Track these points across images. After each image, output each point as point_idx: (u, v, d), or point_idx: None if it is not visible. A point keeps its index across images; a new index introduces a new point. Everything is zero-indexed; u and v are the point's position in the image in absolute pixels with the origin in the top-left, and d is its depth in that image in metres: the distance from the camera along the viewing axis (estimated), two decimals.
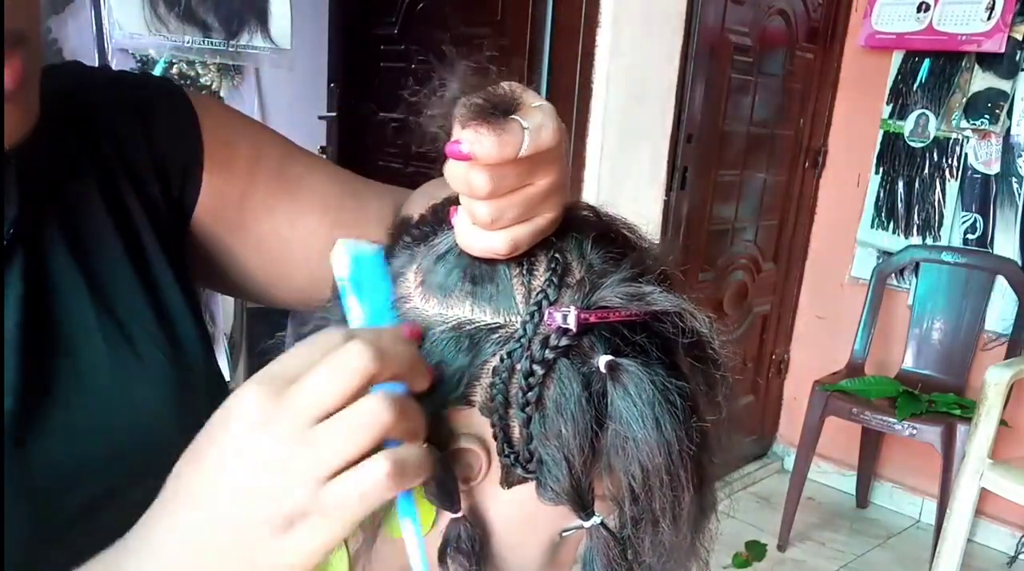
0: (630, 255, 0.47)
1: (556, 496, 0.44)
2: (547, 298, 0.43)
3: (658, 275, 0.47)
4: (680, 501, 0.44)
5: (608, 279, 0.44)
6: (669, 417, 0.42)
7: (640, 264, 0.46)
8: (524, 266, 0.45)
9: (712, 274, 2.76)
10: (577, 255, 0.46)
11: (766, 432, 3.27)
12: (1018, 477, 2.11)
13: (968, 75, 2.62)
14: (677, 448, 0.42)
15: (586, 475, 0.43)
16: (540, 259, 0.46)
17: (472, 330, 0.44)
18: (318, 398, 0.36)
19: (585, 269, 0.45)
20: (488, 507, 0.46)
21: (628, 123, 2.26)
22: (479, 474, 0.45)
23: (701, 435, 0.44)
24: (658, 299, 0.44)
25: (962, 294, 2.68)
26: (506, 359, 0.43)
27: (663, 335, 0.44)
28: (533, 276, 0.45)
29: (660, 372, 0.43)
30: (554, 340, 0.42)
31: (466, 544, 0.45)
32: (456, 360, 0.44)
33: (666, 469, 0.42)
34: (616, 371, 0.42)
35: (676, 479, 0.43)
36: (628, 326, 0.44)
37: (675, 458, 0.42)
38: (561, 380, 0.43)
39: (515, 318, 0.44)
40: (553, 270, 0.45)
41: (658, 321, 0.44)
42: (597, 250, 0.46)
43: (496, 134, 0.40)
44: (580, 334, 0.43)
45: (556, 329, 0.43)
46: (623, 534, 0.45)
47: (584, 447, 0.42)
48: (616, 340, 0.43)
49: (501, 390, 0.43)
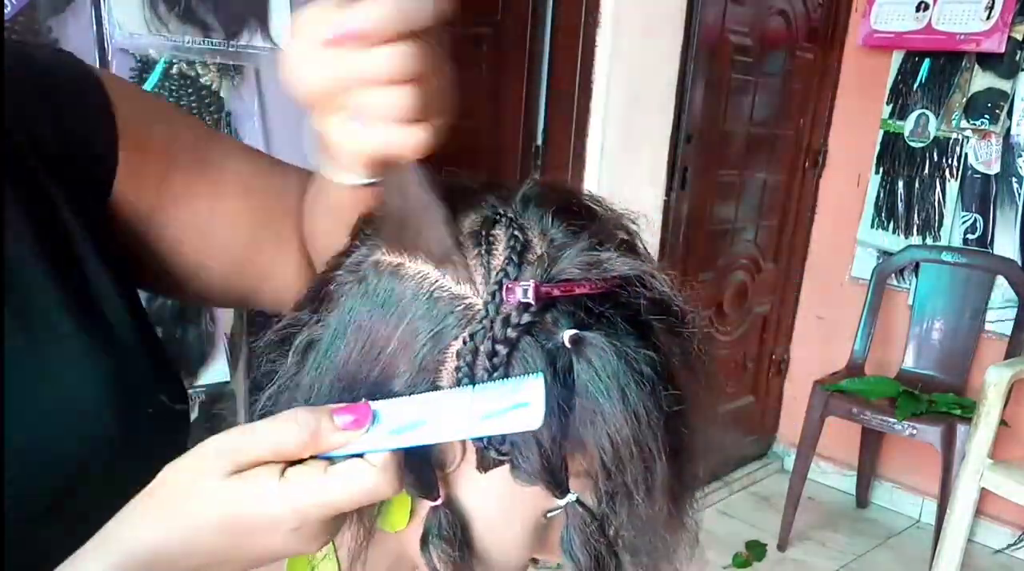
0: (590, 225, 0.46)
1: (529, 476, 0.43)
2: (507, 276, 0.43)
3: (620, 242, 0.46)
4: (652, 472, 0.43)
5: (567, 251, 0.44)
6: (635, 387, 0.41)
7: (601, 233, 0.46)
8: (483, 246, 0.44)
9: (712, 274, 2.76)
10: (538, 231, 0.45)
11: (766, 432, 3.27)
12: (1018, 477, 2.11)
13: (968, 75, 2.62)
14: (645, 418, 0.42)
15: (557, 453, 0.43)
16: (500, 238, 0.45)
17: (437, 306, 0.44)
18: None
19: (547, 244, 0.44)
20: (467, 493, 0.46)
21: (628, 123, 2.26)
22: (455, 460, 0.45)
23: (676, 403, 0.43)
24: (616, 264, 0.43)
25: (962, 294, 2.68)
26: (469, 341, 0.42)
27: (630, 304, 0.44)
28: (492, 256, 0.44)
29: (627, 341, 0.42)
30: (515, 317, 0.42)
31: (447, 531, 0.45)
32: (419, 343, 0.43)
33: (635, 440, 0.42)
34: (580, 344, 0.42)
35: (646, 449, 0.42)
36: (592, 298, 0.43)
37: (644, 428, 0.42)
38: (524, 358, 0.42)
39: (477, 299, 0.43)
40: (512, 248, 0.44)
41: (623, 290, 0.44)
42: (559, 224, 0.45)
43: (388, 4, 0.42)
44: (543, 310, 0.42)
45: (517, 305, 0.42)
46: (600, 510, 0.45)
47: (552, 424, 0.41)
48: (580, 313, 0.43)
49: (467, 373, 0.42)
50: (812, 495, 2.94)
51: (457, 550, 0.45)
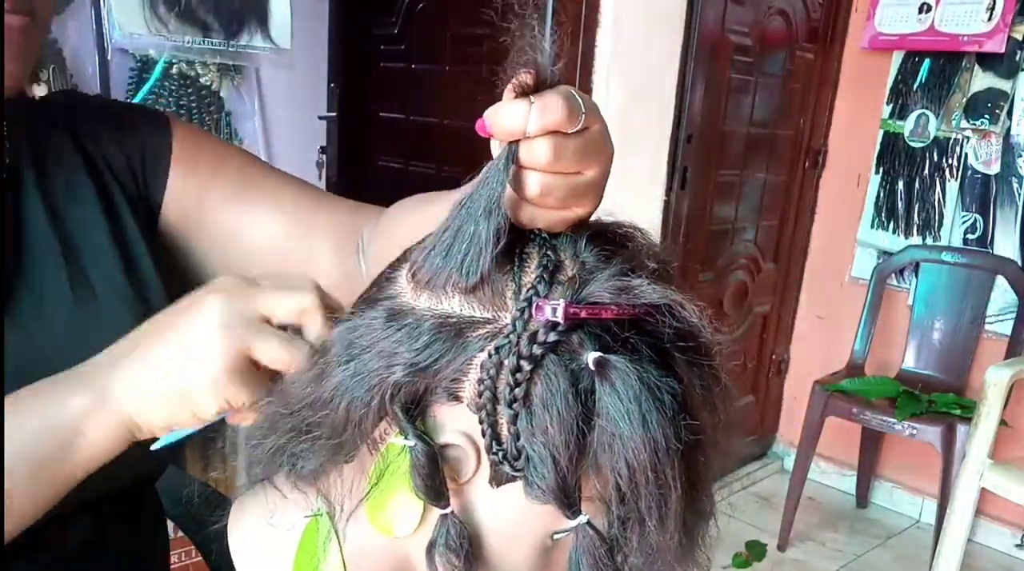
0: (623, 252, 0.46)
1: (542, 494, 0.43)
2: (537, 294, 0.43)
3: (652, 271, 0.46)
4: (667, 500, 0.43)
5: (598, 274, 0.44)
6: (656, 414, 0.42)
7: (633, 260, 0.46)
8: (516, 264, 0.45)
9: (712, 274, 2.76)
10: (571, 253, 0.46)
11: (766, 432, 3.27)
12: (1018, 477, 2.11)
13: (968, 75, 2.62)
14: (664, 446, 0.42)
15: (572, 473, 0.43)
16: (532, 257, 0.45)
17: (461, 324, 0.44)
18: None
19: (578, 267, 0.45)
20: (479, 506, 0.46)
21: (628, 123, 2.26)
22: (469, 472, 0.45)
23: (693, 434, 0.43)
24: (646, 292, 0.43)
25: (962, 294, 2.68)
26: (494, 354, 0.43)
27: (655, 333, 0.44)
28: (524, 273, 0.45)
29: (650, 369, 0.42)
30: (542, 335, 0.42)
31: (455, 542, 0.45)
32: (444, 353, 0.44)
33: (652, 467, 0.42)
34: (604, 368, 0.42)
35: (662, 477, 0.42)
36: (619, 323, 0.43)
37: (661, 456, 0.42)
38: (548, 376, 0.42)
39: (504, 314, 0.44)
40: (544, 267, 0.44)
41: (650, 318, 0.44)
42: (591, 248, 0.46)
43: (565, 103, 0.41)
44: (569, 330, 0.42)
45: (544, 324, 0.42)
46: (610, 534, 0.45)
47: (570, 444, 0.41)
48: (606, 337, 0.43)
49: (489, 386, 0.43)
50: (812, 495, 2.94)
51: (463, 562, 0.45)
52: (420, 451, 0.43)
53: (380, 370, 0.44)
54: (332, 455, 0.45)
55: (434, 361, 0.44)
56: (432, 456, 0.43)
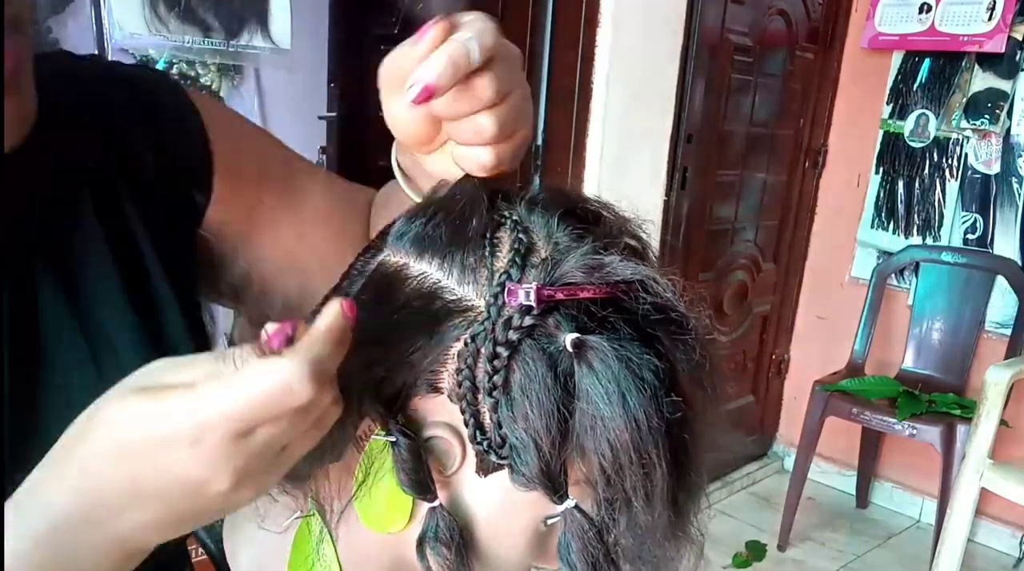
0: (595, 230, 0.46)
1: (528, 481, 0.43)
2: (510, 278, 0.43)
3: (625, 247, 0.46)
4: (651, 479, 0.43)
5: (571, 254, 0.43)
6: (636, 392, 0.41)
7: (606, 237, 0.45)
8: (487, 249, 0.44)
9: (712, 274, 2.76)
10: (543, 234, 0.45)
11: (766, 432, 3.27)
12: (1018, 477, 2.11)
13: (968, 75, 2.63)
14: (646, 424, 0.41)
15: (556, 457, 0.42)
16: (504, 241, 0.45)
17: (438, 306, 0.43)
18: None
19: (551, 248, 0.44)
20: (467, 496, 0.46)
21: (628, 123, 2.26)
22: (455, 463, 0.45)
23: (679, 411, 0.43)
24: (618, 268, 0.43)
25: (962, 294, 2.68)
26: (470, 343, 0.42)
27: (633, 309, 0.43)
28: (496, 258, 0.44)
29: (630, 347, 0.42)
30: (516, 320, 0.42)
31: (445, 534, 0.44)
32: (421, 344, 0.43)
33: (634, 446, 0.41)
34: (582, 349, 0.41)
35: (646, 456, 0.42)
36: (595, 302, 0.43)
37: (644, 435, 0.41)
38: (525, 362, 0.42)
39: (479, 301, 0.43)
40: (517, 250, 0.44)
41: (625, 295, 0.43)
42: (564, 227, 0.45)
43: (442, 56, 0.41)
44: (545, 313, 0.42)
45: (518, 308, 0.42)
46: (599, 517, 0.44)
47: (551, 428, 0.41)
48: (583, 317, 0.42)
49: (467, 376, 0.42)
50: (812, 495, 2.94)
51: (455, 554, 0.45)
52: (403, 446, 0.43)
53: (358, 368, 0.43)
54: (317, 457, 0.45)
55: (410, 353, 0.43)
56: (415, 450, 0.43)
